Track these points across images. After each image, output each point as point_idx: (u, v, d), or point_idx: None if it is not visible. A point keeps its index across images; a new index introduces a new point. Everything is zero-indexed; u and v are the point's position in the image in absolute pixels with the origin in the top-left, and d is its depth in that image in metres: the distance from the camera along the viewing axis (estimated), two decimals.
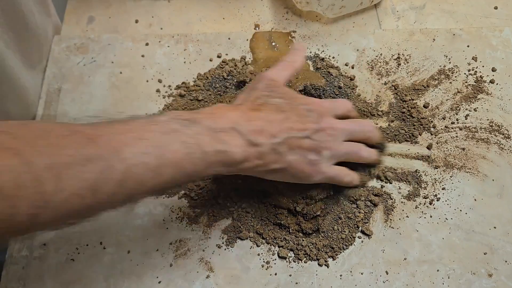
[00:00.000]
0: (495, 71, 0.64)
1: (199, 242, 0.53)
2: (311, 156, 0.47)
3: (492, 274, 0.51)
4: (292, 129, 0.46)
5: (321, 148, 0.47)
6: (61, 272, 0.51)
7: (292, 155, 0.46)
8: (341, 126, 0.50)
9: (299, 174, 0.47)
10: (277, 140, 0.45)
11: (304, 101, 0.49)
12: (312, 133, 0.47)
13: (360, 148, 0.52)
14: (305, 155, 0.47)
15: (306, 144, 0.46)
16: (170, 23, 0.69)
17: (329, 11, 0.67)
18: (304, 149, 0.46)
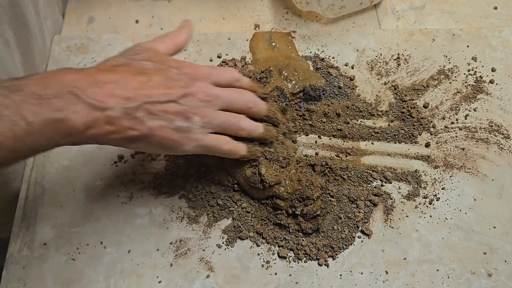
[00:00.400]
0: (495, 71, 0.64)
1: (199, 241, 0.53)
2: (179, 123, 0.42)
3: (491, 274, 0.51)
4: (154, 93, 0.41)
5: (190, 113, 0.43)
6: (61, 272, 0.51)
7: (153, 120, 0.41)
8: (216, 92, 0.45)
9: (166, 142, 0.43)
10: (132, 104, 0.40)
11: (175, 65, 0.44)
12: (179, 97, 0.42)
13: (240, 118, 0.47)
14: (170, 120, 0.42)
15: (172, 109, 0.42)
16: (170, 23, 0.69)
17: (329, 11, 0.67)
18: (169, 113, 0.42)
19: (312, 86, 0.59)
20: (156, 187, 0.56)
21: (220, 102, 0.45)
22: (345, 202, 0.55)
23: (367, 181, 0.56)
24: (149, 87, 0.41)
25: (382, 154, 0.58)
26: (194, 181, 0.55)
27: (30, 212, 0.54)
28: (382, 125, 0.60)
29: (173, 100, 0.42)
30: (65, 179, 0.56)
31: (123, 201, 0.55)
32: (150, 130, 0.42)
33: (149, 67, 0.43)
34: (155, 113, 0.41)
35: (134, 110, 0.40)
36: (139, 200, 0.55)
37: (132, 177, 0.56)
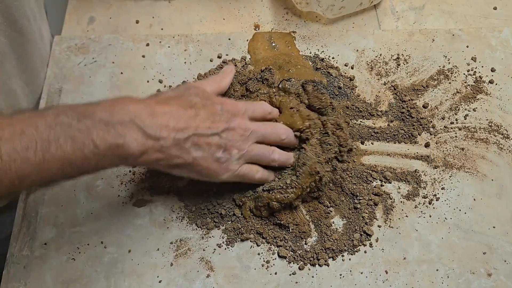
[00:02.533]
0: (494, 71, 0.64)
1: (200, 241, 0.53)
2: (219, 154, 0.47)
3: (491, 273, 0.52)
4: (200, 126, 0.46)
5: (230, 146, 0.48)
6: (62, 272, 0.51)
7: (198, 151, 0.46)
8: (253, 127, 0.50)
9: (205, 171, 0.48)
10: (182, 135, 0.45)
11: (219, 101, 0.50)
12: (221, 131, 0.47)
13: (272, 150, 0.52)
14: (212, 152, 0.47)
15: (214, 142, 0.47)
16: (170, 23, 0.70)
17: (328, 12, 0.67)
18: (211, 146, 0.47)
19: (313, 81, 0.59)
20: (157, 187, 0.56)
21: (255, 136, 0.50)
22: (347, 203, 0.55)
23: (367, 181, 0.56)
24: (197, 120, 0.46)
25: (382, 154, 0.59)
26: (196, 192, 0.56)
27: (30, 212, 0.54)
28: (382, 125, 0.60)
29: (216, 134, 0.47)
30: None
31: (123, 201, 0.55)
32: (194, 159, 0.47)
33: (197, 102, 0.48)
34: (200, 144, 0.46)
35: (183, 141, 0.45)
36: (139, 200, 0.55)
37: (132, 177, 0.56)
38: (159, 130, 0.44)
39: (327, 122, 0.54)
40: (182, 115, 0.46)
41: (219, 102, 0.49)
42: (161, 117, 0.44)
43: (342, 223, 0.54)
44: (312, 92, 0.57)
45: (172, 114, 0.45)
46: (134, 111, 0.43)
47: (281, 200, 0.52)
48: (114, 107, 0.43)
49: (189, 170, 0.48)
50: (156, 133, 0.44)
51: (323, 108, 0.56)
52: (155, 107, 0.45)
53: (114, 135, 0.42)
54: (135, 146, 0.43)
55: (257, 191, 0.53)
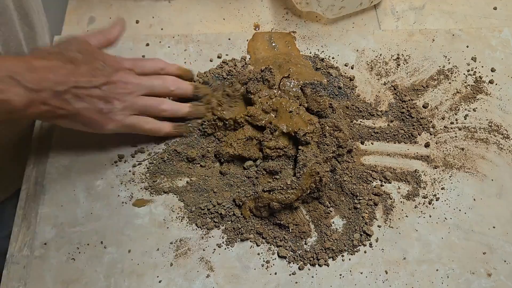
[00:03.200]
0: (494, 72, 0.64)
1: (200, 241, 0.53)
2: (101, 105, 0.49)
3: (491, 273, 0.52)
4: (80, 79, 0.48)
5: (111, 98, 0.50)
6: (62, 272, 0.51)
7: (79, 102, 0.48)
8: (136, 81, 0.52)
9: (89, 121, 0.50)
10: (62, 87, 0.46)
11: (101, 57, 0.51)
12: (101, 84, 0.49)
13: (161, 101, 0.53)
14: (94, 103, 0.49)
15: (95, 94, 0.49)
16: (170, 23, 0.70)
17: (328, 12, 0.67)
18: (93, 97, 0.49)
19: (311, 83, 0.59)
20: (157, 187, 0.56)
21: (140, 89, 0.52)
22: (347, 203, 0.55)
23: (367, 181, 0.56)
24: (76, 74, 0.48)
25: (382, 154, 0.59)
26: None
27: (30, 212, 0.54)
28: (382, 125, 0.60)
29: (96, 86, 0.49)
30: (65, 179, 0.56)
31: (123, 201, 0.55)
32: (77, 110, 0.48)
33: (78, 57, 0.49)
34: (81, 96, 0.48)
35: (63, 93, 0.47)
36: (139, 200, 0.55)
37: (132, 177, 0.56)
38: (38, 83, 0.45)
39: (325, 125, 0.54)
40: (60, 69, 0.47)
41: (102, 58, 0.51)
42: (39, 71, 0.46)
43: (342, 223, 0.54)
44: (310, 95, 0.57)
45: (51, 68, 0.46)
46: (12, 67, 0.44)
47: (281, 200, 0.52)
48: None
49: (74, 121, 0.49)
50: (37, 86, 0.45)
51: (322, 110, 0.56)
52: (33, 61, 0.46)
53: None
54: (18, 99, 0.44)
55: (258, 192, 0.53)
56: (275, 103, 0.56)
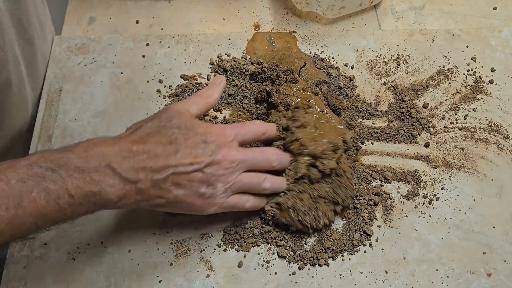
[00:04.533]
0: (494, 72, 0.64)
1: (200, 241, 0.53)
2: (203, 190, 0.45)
3: (491, 273, 0.52)
4: (180, 163, 0.44)
5: (214, 181, 0.45)
6: (62, 271, 0.51)
7: (179, 189, 0.44)
8: (240, 157, 0.47)
9: (190, 207, 0.46)
10: (160, 176, 0.43)
11: (203, 130, 0.46)
12: (204, 166, 0.45)
13: (263, 179, 0.49)
14: (195, 188, 0.45)
15: (197, 178, 0.45)
16: (170, 23, 0.70)
17: (328, 12, 0.67)
18: (194, 182, 0.45)
19: (326, 81, 0.60)
20: None
21: (243, 166, 0.47)
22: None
23: (367, 181, 0.56)
24: (177, 157, 0.44)
25: (382, 154, 0.59)
26: None
27: None
28: (382, 125, 0.60)
29: (198, 170, 0.45)
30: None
31: None
32: (176, 198, 0.45)
33: (178, 135, 0.45)
34: (181, 183, 0.44)
35: (162, 181, 0.43)
36: None
37: None
38: (136, 173, 0.42)
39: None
40: (160, 153, 0.43)
41: (204, 132, 0.46)
42: (137, 158, 0.43)
43: (342, 223, 0.54)
44: (328, 93, 0.58)
45: (150, 153, 0.43)
46: (110, 155, 0.42)
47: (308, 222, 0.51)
48: (89, 151, 0.42)
49: (174, 207, 0.46)
50: (133, 176, 0.42)
51: (342, 109, 0.58)
52: (131, 147, 0.43)
53: (89, 183, 0.40)
54: (112, 192, 0.41)
55: (281, 203, 0.51)
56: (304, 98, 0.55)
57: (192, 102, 0.50)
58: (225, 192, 0.47)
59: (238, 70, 0.63)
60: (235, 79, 0.62)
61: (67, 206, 0.40)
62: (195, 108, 0.49)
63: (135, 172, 0.42)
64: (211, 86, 0.52)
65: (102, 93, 0.62)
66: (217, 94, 0.52)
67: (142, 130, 0.45)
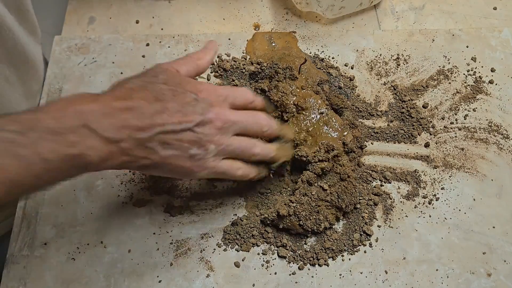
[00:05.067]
0: (494, 72, 0.64)
1: (200, 241, 0.53)
2: (193, 151, 0.42)
3: (491, 273, 0.52)
4: (168, 122, 0.40)
5: (206, 142, 0.42)
6: (62, 271, 0.51)
7: (167, 150, 0.41)
8: (233, 118, 0.44)
9: (179, 170, 0.42)
10: (145, 134, 0.39)
11: (193, 88, 0.43)
12: (195, 125, 0.41)
13: (253, 144, 0.46)
14: (185, 149, 0.41)
15: (187, 138, 0.41)
16: (170, 23, 0.70)
17: (328, 12, 0.67)
18: (184, 142, 0.41)
19: (327, 81, 0.60)
20: (157, 187, 0.56)
21: (235, 128, 0.44)
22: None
23: (367, 181, 0.56)
24: (164, 115, 0.40)
25: (382, 154, 0.59)
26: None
27: (30, 212, 0.54)
28: (382, 125, 0.60)
29: (188, 128, 0.41)
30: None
31: (123, 201, 0.55)
32: (163, 159, 0.41)
33: (166, 92, 0.41)
34: (169, 142, 0.41)
35: (147, 140, 0.40)
36: (139, 200, 0.55)
37: (132, 177, 0.56)
38: (118, 131, 0.38)
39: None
40: (146, 110, 0.40)
41: (194, 89, 0.43)
42: (120, 115, 0.39)
43: (342, 223, 0.54)
44: (330, 92, 0.58)
45: (134, 110, 0.39)
46: (88, 113, 0.38)
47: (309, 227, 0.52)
48: (64, 110, 0.37)
49: (160, 170, 0.43)
50: (115, 135, 0.38)
51: (344, 108, 0.58)
52: (113, 103, 0.39)
53: (66, 146, 0.36)
54: (93, 154, 0.38)
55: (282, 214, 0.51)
56: (303, 96, 0.55)
57: (181, 62, 0.46)
58: (216, 155, 0.44)
59: (238, 70, 0.63)
60: (235, 79, 0.62)
61: (43, 172, 0.36)
62: (184, 69, 0.45)
63: (117, 130, 0.38)
64: (204, 49, 0.49)
65: None
66: (209, 57, 0.48)
67: (126, 85, 0.41)
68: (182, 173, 0.43)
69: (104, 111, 0.38)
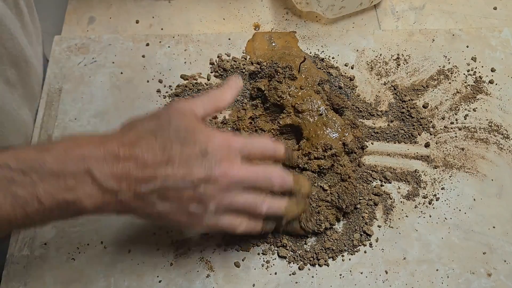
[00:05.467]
0: (494, 72, 0.64)
1: (200, 241, 0.53)
2: (192, 208, 0.40)
3: (491, 273, 0.52)
4: (170, 175, 0.38)
5: (207, 200, 0.40)
6: (61, 271, 0.51)
7: (164, 204, 0.39)
8: (241, 174, 0.41)
9: (174, 224, 0.42)
10: (144, 188, 0.38)
11: (204, 138, 0.40)
12: (199, 182, 0.39)
13: (260, 202, 0.43)
14: (184, 206, 0.40)
15: (188, 195, 0.39)
16: (170, 23, 0.70)
17: (329, 12, 0.67)
18: (183, 199, 0.39)
19: (328, 80, 0.61)
20: None
21: (243, 185, 0.42)
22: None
23: (367, 181, 0.56)
24: (168, 168, 0.38)
25: (382, 154, 0.59)
26: None
27: None
28: (382, 125, 0.60)
29: (191, 185, 0.39)
30: None
31: None
32: (160, 213, 0.40)
33: (174, 141, 0.39)
34: (168, 196, 0.39)
35: (146, 194, 0.39)
36: None
37: None
38: (118, 182, 0.37)
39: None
40: (149, 161, 0.38)
41: (205, 140, 0.40)
42: (122, 164, 0.37)
43: (342, 223, 0.54)
44: (330, 92, 0.58)
45: (138, 160, 0.38)
46: (91, 159, 0.37)
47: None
48: (69, 153, 0.37)
49: (156, 221, 0.42)
50: (114, 186, 0.37)
51: (344, 108, 0.58)
52: (118, 150, 0.38)
53: (64, 190, 0.36)
54: (89, 202, 0.37)
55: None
56: (302, 96, 0.55)
57: (200, 102, 0.44)
58: (216, 212, 0.41)
59: (238, 70, 0.63)
60: None
61: (36, 214, 0.36)
62: (201, 110, 0.43)
63: (117, 181, 0.37)
64: (225, 88, 0.46)
65: (102, 93, 0.62)
66: (230, 97, 0.46)
67: (135, 130, 0.40)
68: (178, 226, 0.43)
69: (107, 158, 0.38)
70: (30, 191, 0.35)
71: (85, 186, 0.37)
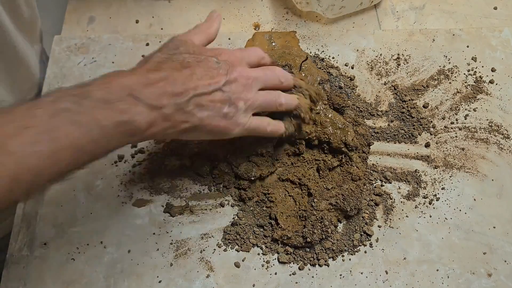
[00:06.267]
0: (495, 71, 0.64)
1: (200, 241, 0.53)
2: (225, 109, 0.45)
3: (491, 273, 0.51)
4: (199, 85, 0.44)
5: (235, 99, 0.45)
6: (61, 272, 0.51)
7: (202, 111, 0.44)
8: (255, 74, 0.47)
9: (216, 130, 0.46)
10: (182, 99, 0.43)
11: (212, 53, 0.47)
12: (223, 85, 0.45)
13: (278, 95, 0.49)
14: (218, 109, 0.45)
15: (218, 98, 0.45)
16: (170, 23, 0.70)
17: (329, 12, 0.67)
18: (216, 102, 0.44)
19: (328, 80, 0.60)
20: (157, 187, 0.56)
21: (257, 83, 0.48)
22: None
23: (368, 181, 0.56)
24: (194, 80, 0.44)
25: (382, 154, 0.58)
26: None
27: (30, 212, 0.54)
28: (382, 125, 0.60)
29: (218, 89, 0.44)
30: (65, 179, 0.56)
31: (123, 201, 0.55)
32: (201, 120, 0.44)
33: (190, 59, 0.45)
34: (204, 104, 0.44)
35: (185, 104, 0.43)
36: (139, 200, 0.55)
37: (132, 177, 0.56)
38: (159, 98, 0.42)
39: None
40: (177, 78, 0.43)
41: (213, 54, 0.46)
42: (157, 84, 0.42)
43: (343, 224, 0.54)
44: (331, 91, 0.58)
45: (167, 79, 0.43)
46: (130, 84, 0.41)
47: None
48: (109, 83, 0.41)
49: (199, 132, 0.46)
50: (157, 102, 0.42)
51: (345, 107, 0.58)
52: (148, 75, 0.42)
53: (117, 113, 0.40)
54: (142, 119, 0.41)
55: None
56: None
57: (193, 33, 0.49)
58: (246, 111, 0.47)
59: None
60: None
61: (100, 138, 0.39)
62: (197, 38, 0.49)
63: (158, 98, 0.42)
64: (211, 20, 0.52)
65: None
66: (216, 25, 0.51)
67: (153, 60, 0.45)
68: (218, 132, 0.46)
69: (143, 82, 0.42)
70: (90, 117, 0.38)
71: (133, 107, 0.40)
